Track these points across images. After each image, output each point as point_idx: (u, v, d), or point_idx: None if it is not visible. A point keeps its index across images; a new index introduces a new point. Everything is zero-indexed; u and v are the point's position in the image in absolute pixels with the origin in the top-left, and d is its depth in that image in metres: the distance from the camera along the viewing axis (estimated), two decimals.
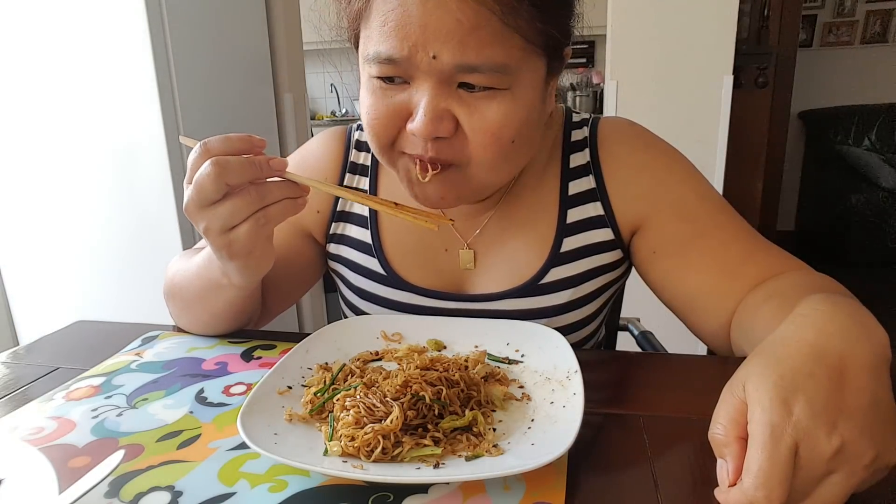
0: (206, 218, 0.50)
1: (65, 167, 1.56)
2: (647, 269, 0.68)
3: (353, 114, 4.27)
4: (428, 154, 0.55)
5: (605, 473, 0.43)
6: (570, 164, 0.69)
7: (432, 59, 0.51)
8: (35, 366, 0.64)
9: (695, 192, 0.67)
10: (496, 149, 0.55)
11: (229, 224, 0.50)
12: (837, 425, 0.33)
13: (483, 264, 0.70)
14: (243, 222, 0.50)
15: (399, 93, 0.55)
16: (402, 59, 0.52)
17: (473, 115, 0.54)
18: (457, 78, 0.53)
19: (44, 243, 1.65)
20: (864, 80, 3.78)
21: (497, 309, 0.69)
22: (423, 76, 0.53)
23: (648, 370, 0.61)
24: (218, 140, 0.50)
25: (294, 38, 2.17)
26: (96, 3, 1.44)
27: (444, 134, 0.54)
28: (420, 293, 0.70)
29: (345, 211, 0.74)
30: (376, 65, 0.54)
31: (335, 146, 0.75)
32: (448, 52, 0.51)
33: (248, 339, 0.68)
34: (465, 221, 0.70)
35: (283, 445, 0.43)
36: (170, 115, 1.51)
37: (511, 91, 0.54)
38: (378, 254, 0.71)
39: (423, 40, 0.51)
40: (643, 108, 1.93)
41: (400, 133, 0.57)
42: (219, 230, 0.50)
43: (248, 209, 0.49)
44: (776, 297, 0.55)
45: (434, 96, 0.53)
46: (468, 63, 0.51)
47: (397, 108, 0.55)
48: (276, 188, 0.51)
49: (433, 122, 0.53)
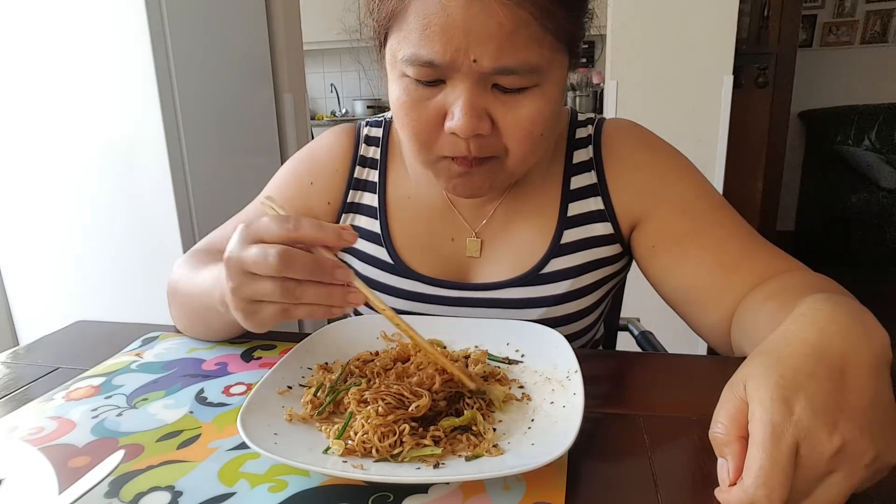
0: (241, 282, 0.46)
1: (65, 167, 1.57)
2: (647, 264, 0.70)
3: (353, 114, 4.27)
4: (472, 153, 0.57)
5: (605, 473, 0.43)
6: (573, 160, 0.71)
7: (472, 63, 0.52)
8: (35, 366, 0.64)
9: (694, 189, 0.68)
10: (529, 142, 0.58)
11: (258, 298, 0.47)
12: (838, 425, 0.33)
13: (488, 253, 0.72)
14: (271, 304, 0.47)
15: (434, 94, 0.56)
16: (444, 63, 0.53)
17: (508, 113, 0.56)
18: (492, 79, 0.54)
19: (44, 243, 1.65)
20: (864, 80, 3.78)
21: (499, 297, 0.70)
22: (460, 78, 0.54)
23: (648, 370, 0.61)
24: (311, 225, 0.46)
25: (294, 38, 2.17)
26: (96, 3, 1.44)
27: (483, 132, 0.56)
28: (425, 281, 0.72)
29: (354, 202, 0.75)
30: (414, 67, 0.54)
31: (345, 140, 0.77)
32: (488, 56, 0.52)
33: (248, 340, 0.68)
34: (473, 211, 0.72)
35: (283, 445, 0.43)
36: (170, 114, 1.52)
37: (541, 88, 0.56)
38: (386, 243, 0.73)
39: (466, 45, 0.52)
40: (643, 108, 1.93)
41: (439, 135, 0.58)
42: (246, 297, 0.47)
43: (281, 298, 0.46)
44: (776, 297, 0.55)
45: (472, 96, 0.54)
46: (506, 66, 0.53)
47: (434, 111, 0.57)
48: (314, 293, 0.46)
49: (473, 121, 0.54)
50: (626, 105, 1.94)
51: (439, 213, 0.73)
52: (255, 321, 0.48)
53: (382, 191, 0.74)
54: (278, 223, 0.45)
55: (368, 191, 0.75)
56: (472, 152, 0.57)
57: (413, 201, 0.73)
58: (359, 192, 0.75)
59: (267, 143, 2.06)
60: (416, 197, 0.73)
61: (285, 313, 0.47)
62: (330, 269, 0.46)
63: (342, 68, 4.33)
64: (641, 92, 1.92)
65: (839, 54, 3.81)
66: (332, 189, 0.75)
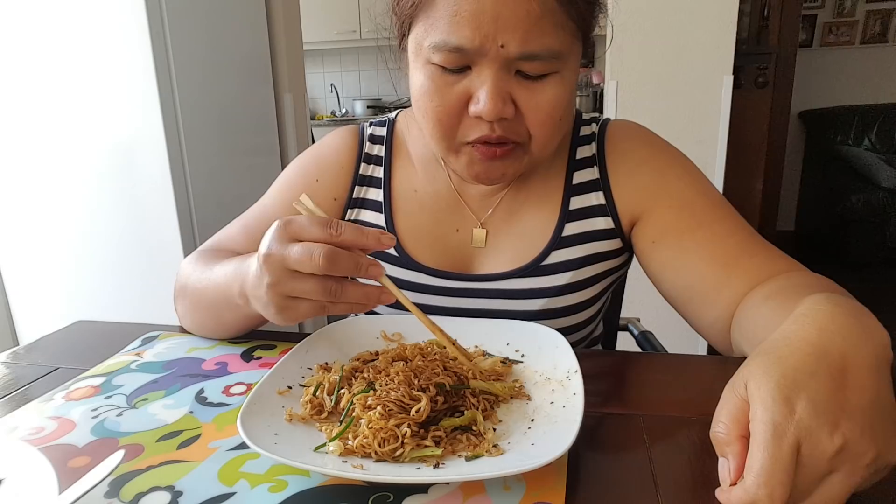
0: (281, 278, 0.48)
1: (65, 167, 1.56)
2: (646, 260, 0.70)
3: (353, 114, 4.27)
4: (496, 133, 0.59)
5: (605, 473, 0.43)
6: (577, 156, 0.73)
7: (500, 48, 0.55)
8: (35, 366, 0.64)
9: (694, 187, 0.69)
10: (550, 126, 0.60)
11: (297, 295, 0.48)
12: (839, 424, 0.33)
13: (492, 244, 0.73)
14: (307, 300, 0.48)
15: (459, 80, 0.58)
16: (473, 48, 0.55)
17: (531, 99, 0.58)
18: (516, 65, 0.56)
19: (44, 243, 1.65)
20: (864, 80, 3.78)
21: (501, 288, 0.71)
22: (487, 63, 0.56)
23: (648, 370, 0.61)
24: (353, 230, 0.47)
25: (294, 38, 2.17)
26: (96, 3, 1.44)
27: (507, 115, 0.58)
28: (429, 273, 0.72)
29: (360, 197, 0.76)
30: (441, 53, 0.56)
31: (350, 139, 0.78)
32: (515, 41, 0.54)
33: (248, 340, 0.68)
34: (480, 202, 0.73)
35: (283, 445, 0.43)
36: (170, 114, 1.52)
37: (560, 74, 0.58)
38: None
39: (494, 31, 0.54)
40: (643, 108, 1.93)
41: (461, 121, 0.60)
42: (285, 293, 0.48)
43: (320, 296, 0.48)
44: (776, 297, 0.55)
45: (497, 81, 0.56)
46: (531, 52, 0.55)
47: (459, 96, 0.58)
48: (353, 292, 0.49)
49: (499, 105, 0.56)
50: (626, 105, 1.94)
51: (445, 204, 0.74)
52: (287, 315, 0.50)
53: (387, 186, 0.75)
54: (320, 226, 0.47)
55: (374, 186, 0.76)
56: (497, 132, 0.59)
57: (419, 194, 0.74)
58: (364, 188, 0.76)
59: (267, 143, 2.06)
60: (421, 190, 0.74)
61: (322, 310, 0.49)
62: (366, 269, 0.48)
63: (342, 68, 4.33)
64: (641, 92, 1.92)
65: (839, 54, 3.81)
66: (337, 185, 0.76)
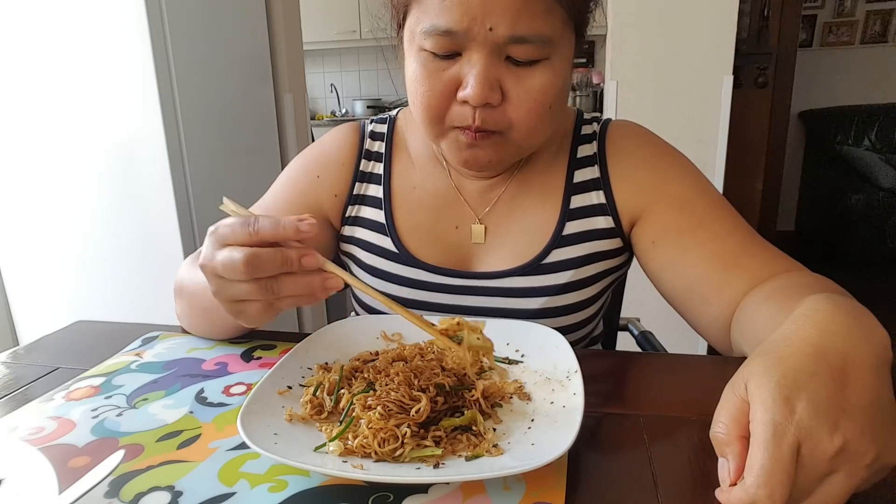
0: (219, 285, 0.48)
1: (65, 167, 1.57)
2: (646, 260, 0.70)
3: (353, 113, 4.27)
4: (476, 123, 0.59)
5: (605, 473, 0.43)
6: (578, 155, 0.73)
7: (489, 31, 0.55)
8: (35, 366, 0.64)
9: (694, 187, 0.69)
10: (538, 114, 0.60)
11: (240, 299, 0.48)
12: (839, 425, 0.33)
13: (491, 241, 0.73)
14: (254, 302, 0.48)
15: (449, 66, 0.59)
16: (461, 31, 0.55)
17: (519, 84, 0.58)
18: (506, 50, 0.57)
19: (44, 243, 1.65)
20: (864, 80, 3.78)
21: (502, 286, 0.71)
22: (476, 47, 0.56)
23: (648, 370, 0.61)
24: (269, 225, 0.46)
25: (294, 38, 2.17)
26: (96, 3, 1.44)
27: (493, 101, 0.58)
28: (429, 270, 0.73)
29: (360, 194, 0.77)
30: (431, 38, 0.57)
31: (351, 136, 0.78)
32: (504, 24, 0.55)
33: (248, 339, 0.68)
34: (479, 198, 0.73)
35: (283, 445, 0.43)
36: (170, 114, 1.52)
37: (550, 61, 0.59)
38: (391, 232, 0.74)
39: (483, 13, 0.54)
40: (643, 108, 1.93)
41: (450, 106, 0.60)
42: (228, 299, 0.48)
43: (261, 296, 0.47)
44: (775, 297, 0.55)
45: (486, 65, 0.57)
46: (520, 35, 0.55)
47: (448, 82, 0.59)
48: (292, 286, 0.47)
49: (485, 90, 0.57)
50: (626, 105, 1.94)
51: (444, 200, 0.74)
52: (244, 318, 0.49)
53: (387, 182, 0.75)
54: (239, 227, 0.46)
55: (374, 182, 0.76)
56: (476, 122, 0.59)
57: (418, 191, 0.74)
58: (364, 184, 0.76)
59: (267, 143, 2.06)
60: (421, 187, 0.74)
61: (270, 308, 0.48)
62: (297, 261, 0.46)
63: (342, 68, 4.33)
64: (641, 92, 1.92)
65: (839, 54, 3.81)
66: (338, 182, 0.76)
